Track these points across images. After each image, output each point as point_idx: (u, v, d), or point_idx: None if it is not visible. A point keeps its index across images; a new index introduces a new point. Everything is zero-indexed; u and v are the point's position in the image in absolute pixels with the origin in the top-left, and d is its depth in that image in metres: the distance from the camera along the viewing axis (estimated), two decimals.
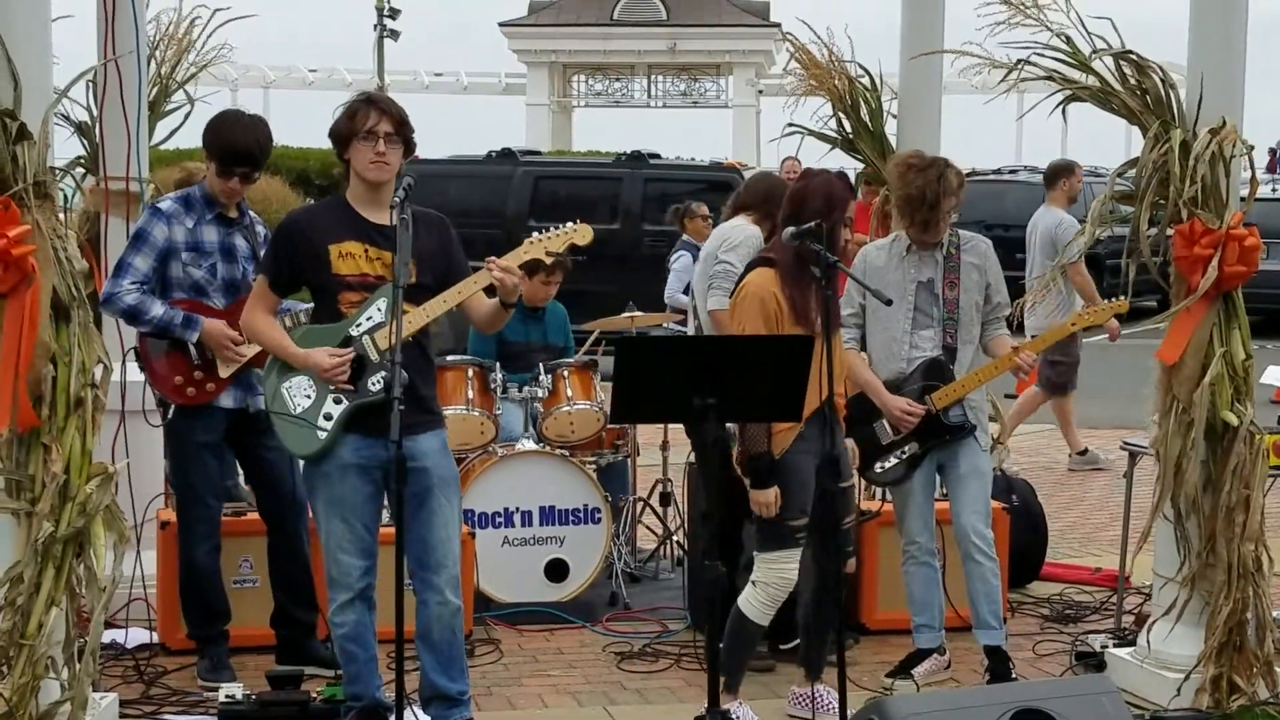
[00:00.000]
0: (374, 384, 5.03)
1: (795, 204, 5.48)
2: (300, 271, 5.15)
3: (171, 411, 5.84)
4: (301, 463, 5.30)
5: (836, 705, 5.50)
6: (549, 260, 5.16)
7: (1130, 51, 5.69)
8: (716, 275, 6.66)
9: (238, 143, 5.81)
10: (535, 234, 5.19)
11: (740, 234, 6.67)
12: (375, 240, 5.09)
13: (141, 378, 5.99)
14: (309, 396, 5.09)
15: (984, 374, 5.95)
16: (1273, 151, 30.64)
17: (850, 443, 5.90)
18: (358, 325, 5.07)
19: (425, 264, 5.10)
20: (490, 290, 5.09)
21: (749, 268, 5.63)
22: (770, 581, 5.45)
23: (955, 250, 6.01)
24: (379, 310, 5.05)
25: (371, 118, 5.06)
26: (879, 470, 6.09)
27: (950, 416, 5.96)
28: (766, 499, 5.38)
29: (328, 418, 5.06)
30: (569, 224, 5.15)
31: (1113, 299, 6.24)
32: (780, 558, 5.44)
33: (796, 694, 5.76)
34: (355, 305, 5.08)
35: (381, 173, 5.08)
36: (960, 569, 6.08)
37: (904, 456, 6.03)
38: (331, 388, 5.06)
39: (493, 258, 5.04)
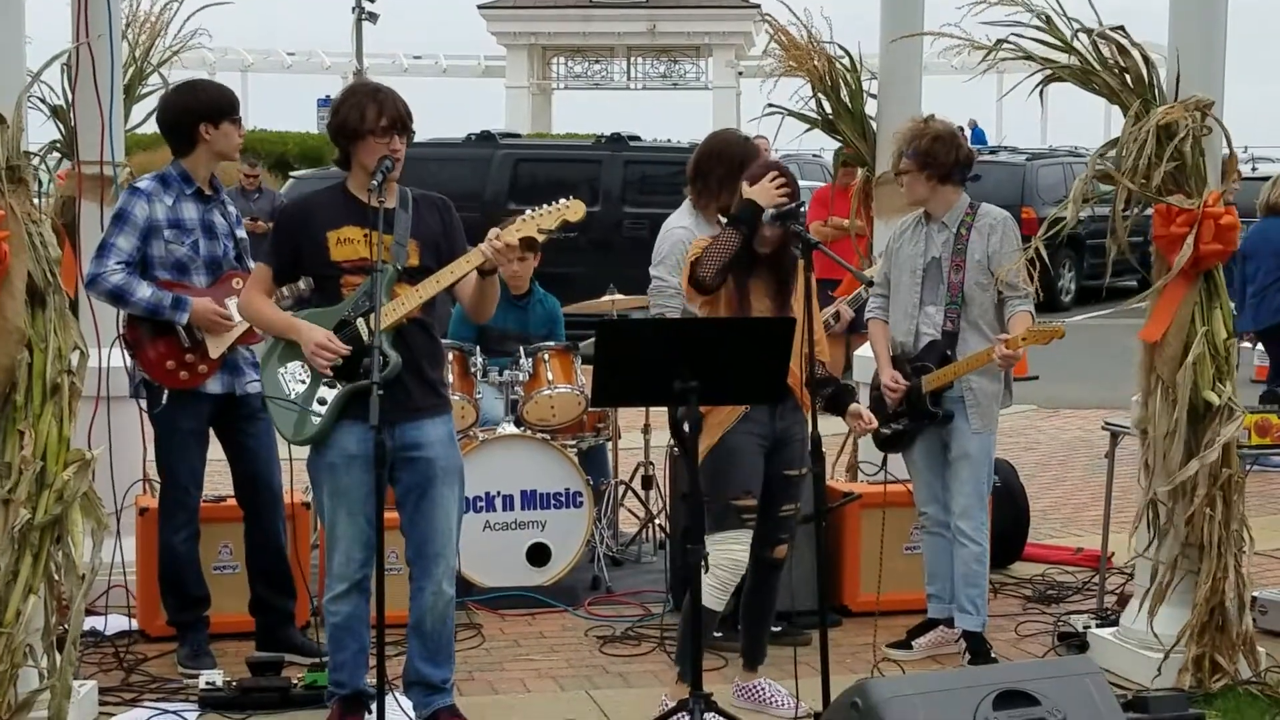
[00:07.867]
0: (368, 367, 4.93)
1: None
2: (301, 259, 5.11)
3: (165, 397, 5.79)
4: (288, 449, 5.24)
5: (781, 698, 5.49)
6: (542, 238, 5.12)
7: (1117, 28, 5.67)
8: (654, 291, 6.31)
9: (223, 92, 5.95)
10: (528, 210, 5.11)
11: (668, 242, 6.29)
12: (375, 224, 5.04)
13: (120, 363, 5.94)
14: (303, 381, 5.05)
15: (967, 364, 5.89)
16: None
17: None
18: (354, 307, 5.03)
19: (427, 246, 5.08)
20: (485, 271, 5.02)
21: None
22: (720, 564, 5.24)
23: (966, 230, 5.95)
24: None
25: (384, 115, 4.99)
26: (882, 434, 6.12)
27: (935, 402, 5.95)
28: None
29: (322, 402, 5.02)
30: (561, 200, 5.09)
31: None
32: (727, 539, 5.29)
33: (740, 686, 5.62)
34: (356, 288, 5.04)
35: (396, 169, 5.05)
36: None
37: (896, 428, 6.07)
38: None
39: (495, 231, 4.97)
